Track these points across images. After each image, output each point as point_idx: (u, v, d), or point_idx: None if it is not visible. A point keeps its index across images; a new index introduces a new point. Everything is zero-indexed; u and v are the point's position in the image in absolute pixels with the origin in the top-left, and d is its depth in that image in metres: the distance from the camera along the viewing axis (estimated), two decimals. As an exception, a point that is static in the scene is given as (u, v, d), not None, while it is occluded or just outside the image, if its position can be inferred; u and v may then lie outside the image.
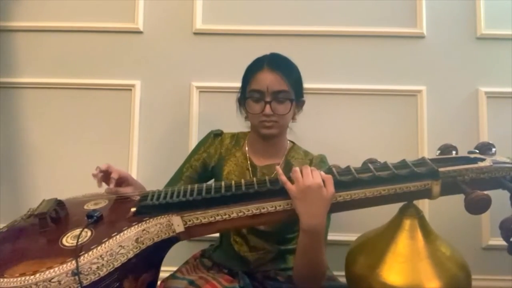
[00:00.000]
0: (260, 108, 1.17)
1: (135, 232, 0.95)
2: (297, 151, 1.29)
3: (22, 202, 1.70)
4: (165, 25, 1.73)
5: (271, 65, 1.18)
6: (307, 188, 0.95)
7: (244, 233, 1.23)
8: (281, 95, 1.17)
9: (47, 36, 1.73)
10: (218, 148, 1.31)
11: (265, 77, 1.17)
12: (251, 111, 1.19)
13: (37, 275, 0.84)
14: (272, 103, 1.16)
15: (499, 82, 1.68)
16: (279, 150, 1.27)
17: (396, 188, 0.97)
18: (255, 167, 1.25)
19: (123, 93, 1.72)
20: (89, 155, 1.71)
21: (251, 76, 1.19)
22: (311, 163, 1.25)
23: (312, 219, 0.96)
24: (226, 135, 1.33)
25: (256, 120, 1.19)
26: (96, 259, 0.88)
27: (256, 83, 1.18)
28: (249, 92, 1.19)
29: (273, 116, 1.16)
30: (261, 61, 1.21)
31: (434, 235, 1.02)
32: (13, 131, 1.73)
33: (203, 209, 0.99)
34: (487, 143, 1.08)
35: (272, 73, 1.16)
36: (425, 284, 0.94)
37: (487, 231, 1.65)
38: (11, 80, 1.72)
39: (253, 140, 1.28)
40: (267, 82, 1.16)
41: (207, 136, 1.35)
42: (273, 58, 1.22)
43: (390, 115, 1.70)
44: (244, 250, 1.23)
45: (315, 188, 0.95)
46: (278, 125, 1.19)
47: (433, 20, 1.70)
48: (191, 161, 1.32)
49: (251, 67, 1.23)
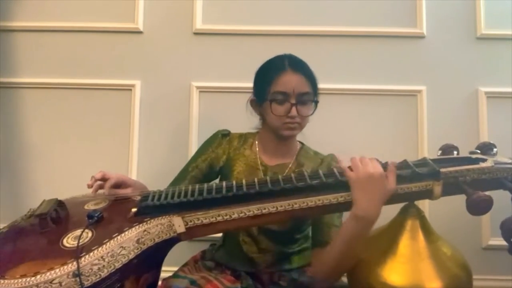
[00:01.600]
0: (284, 110, 1.16)
1: (136, 232, 0.94)
2: (307, 151, 1.29)
3: (22, 202, 1.69)
4: (165, 25, 1.73)
5: (293, 66, 1.17)
6: (369, 176, 0.94)
7: (254, 234, 1.22)
8: (306, 97, 1.17)
9: (47, 36, 1.73)
10: (226, 149, 1.29)
11: (290, 79, 1.16)
12: (276, 113, 1.17)
13: (38, 276, 0.84)
14: (298, 105, 1.15)
15: (499, 82, 1.68)
16: (290, 150, 1.27)
17: (397, 188, 0.97)
18: (266, 167, 1.24)
19: (123, 93, 1.72)
20: (89, 155, 1.71)
21: (274, 78, 1.17)
22: (322, 162, 1.25)
23: (370, 207, 0.94)
24: (234, 135, 1.32)
25: (279, 122, 1.17)
26: (97, 260, 0.88)
27: (281, 85, 1.16)
28: (273, 93, 1.17)
29: (297, 118, 1.16)
30: (281, 62, 1.19)
31: (436, 236, 1.02)
32: (13, 131, 1.72)
33: (204, 209, 0.99)
34: (488, 143, 1.07)
35: (296, 75, 1.16)
36: (426, 284, 0.94)
37: (487, 231, 1.65)
38: (11, 80, 1.72)
39: (266, 140, 1.27)
40: (293, 84, 1.15)
41: (214, 136, 1.33)
42: (293, 60, 1.21)
43: (390, 115, 1.70)
44: (253, 251, 1.22)
45: (377, 176, 0.94)
46: (300, 126, 1.19)
47: (433, 20, 1.70)
48: (198, 161, 1.30)
49: (270, 68, 1.21)
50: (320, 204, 0.98)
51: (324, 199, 0.98)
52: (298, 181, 0.99)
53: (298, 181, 1.00)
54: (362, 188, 0.95)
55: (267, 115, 1.20)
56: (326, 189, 0.98)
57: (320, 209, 0.99)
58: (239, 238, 1.24)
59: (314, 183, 0.98)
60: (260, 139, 1.29)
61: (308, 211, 0.99)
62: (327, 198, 0.98)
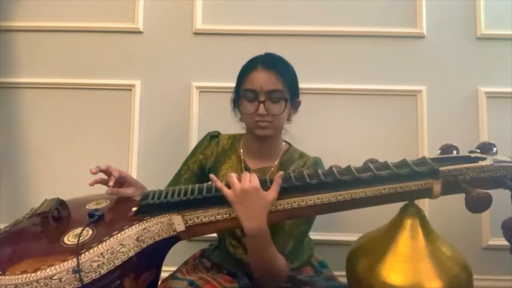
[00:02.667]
0: (253, 108, 1.15)
1: (136, 231, 0.95)
2: (292, 153, 1.27)
3: (22, 202, 1.70)
4: (165, 25, 1.73)
5: (265, 64, 1.17)
6: (243, 191, 0.95)
7: (239, 236, 1.22)
8: (275, 95, 1.15)
9: (47, 36, 1.73)
10: (214, 150, 1.30)
11: (259, 77, 1.15)
12: (245, 111, 1.17)
13: (38, 272, 0.85)
14: (266, 102, 1.14)
15: (499, 82, 1.68)
16: (273, 152, 1.26)
17: (396, 187, 0.97)
18: (249, 170, 1.23)
19: (123, 93, 1.72)
20: (89, 155, 1.71)
21: (245, 76, 1.18)
22: (304, 164, 1.23)
23: (251, 221, 0.96)
24: (223, 136, 1.33)
25: (250, 121, 1.18)
26: (97, 257, 0.88)
27: (250, 83, 1.16)
28: (243, 91, 1.18)
29: (267, 116, 1.15)
30: (255, 60, 1.20)
31: (435, 235, 1.02)
32: (13, 131, 1.72)
33: (204, 208, 0.99)
34: (488, 143, 1.07)
35: (266, 72, 1.15)
36: (426, 284, 0.94)
37: (487, 230, 1.65)
38: (11, 80, 1.72)
39: (248, 141, 1.27)
40: (261, 82, 1.14)
41: (203, 138, 1.34)
42: (267, 58, 1.21)
43: (390, 115, 1.70)
44: (240, 252, 1.23)
45: (251, 190, 0.95)
46: (272, 125, 1.17)
47: (433, 20, 1.70)
48: (189, 163, 1.32)
49: (245, 67, 1.22)
50: (319, 203, 0.99)
51: (323, 198, 0.98)
52: (297, 180, 1.00)
53: (296, 180, 1.00)
54: (240, 204, 0.96)
55: (242, 114, 1.21)
56: (325, 188, 0.99)
57: (319, 207, 0.99)
58: (226, 241, 1.24)
59: (313, 182, 0.98)
60: (244, 141, 1.29)
61: (307, 209, 1.00)
62: (326, 197, 0.98)
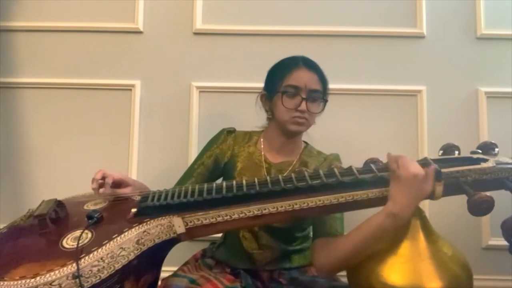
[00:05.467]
0: (294, 103, 1.18)
1: (136, 233, 0.94)
2: (311, 150, 1.31)
3: (22, 202, 1.69)
4: (165, 25, 1.73)
5: (307, 65, 1.21)
6: (414, 176, 0.92)
7: (255, 230, 1.22)
8: (316, 94, 1.20)
9: (47, 36, 1.73)
10: (231, 145, 1.30)
11: (303, 75, 1.19)
12: (286, 105, 1.19)
13: (37, 278, 0.83)
14: (308, 100, 1.18)
15: (499, 82, 1.68)
16: (295, 148, 1.28)
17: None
18: (270, 164, 1.25)
19: (123, 93, 1.72)
20: (89, 155, 1.71)
21: (287, 72, 1.21)
22: (324, 160, 1.27)
23: (406, 206, 0.94)
24: (239, 132, 1.33)
25: (288, 116, 1.19)
26: (97, 261, 0.87)
27: (294, 79, 1.19)
28: (285, 87, 1.20)
29: (306, 113, 1.18)
30: (296, 59, 1.23)
31: (436, 236, 1.02)
32: (13, 131, 1.72)
33: (204, 210, 0.98)
34: (490, 143, 1.06)
35: (309, 72, 1.20)
36: (427, 284, 0.94)
37: (487, 231, 1.65)
38: (11, 80, 1.72)
39: (271, 137, 1.28)
40: (305, 80, 1.19)
41: (219, 133, 1.33)
42: (307, 59, 1.24)
43: (390, 115, 1.70)
44: (253, 247, 1.22)
45: (420, 178, 0.93)
46: (308, 123, 1.21)
47: (433, 20, 1.70)
48: (203, 158, 1.31)
49: (284, 64, 1.24)
50: (320, 204, 0.98)
51: (324, 199, 0.98)
52: (299, 181, 0.99)
53: (298, 181, 0.99)
54: (404, 186, 0.93)
55: (276, 109, 1.22)
56: (327, 189, 0.98)
57: (321, 209, 0.99)
58: (239, 234, 1.24)
59: (315, 183, 0.98)
60: (265, 137, 1.30)
61: (308, 211, 0.99)
62: (327, 199, 0.98)
